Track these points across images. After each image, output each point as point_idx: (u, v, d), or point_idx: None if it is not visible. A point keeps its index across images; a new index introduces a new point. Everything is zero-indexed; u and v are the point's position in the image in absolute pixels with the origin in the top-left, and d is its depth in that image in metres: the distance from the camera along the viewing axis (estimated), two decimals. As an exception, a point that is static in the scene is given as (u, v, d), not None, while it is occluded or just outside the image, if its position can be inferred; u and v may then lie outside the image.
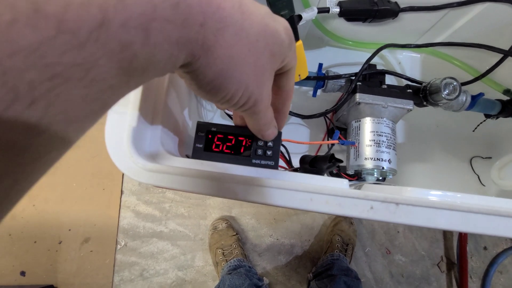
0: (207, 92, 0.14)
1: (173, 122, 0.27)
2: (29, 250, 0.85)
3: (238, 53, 0.13)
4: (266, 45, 0.14)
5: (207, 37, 0.11)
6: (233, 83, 0.13)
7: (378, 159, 0.43)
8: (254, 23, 0.13)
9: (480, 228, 0.19)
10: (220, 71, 0.12)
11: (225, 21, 0.12)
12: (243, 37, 0.13)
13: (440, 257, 0.89)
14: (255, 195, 0.19)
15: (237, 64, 0.13)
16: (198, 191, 0.19)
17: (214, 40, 0.12)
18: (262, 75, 0.15)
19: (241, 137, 0.26)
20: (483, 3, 0.43)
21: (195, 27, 0.11)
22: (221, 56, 0.12)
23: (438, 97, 0.43)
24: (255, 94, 0.15)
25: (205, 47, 0.11)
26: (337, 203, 0.19)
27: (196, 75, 0.12)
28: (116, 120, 0.19)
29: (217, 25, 0.11)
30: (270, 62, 0.15)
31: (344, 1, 0.43)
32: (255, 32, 0.13)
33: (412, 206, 0.19)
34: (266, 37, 0.14)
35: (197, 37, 0.11)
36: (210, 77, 0.13)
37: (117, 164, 0.19)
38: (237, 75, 0.13)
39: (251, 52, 0.13)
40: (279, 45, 0.15)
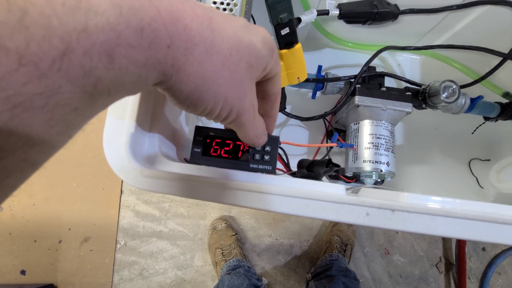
0: (187, 106, 0.14)
1: (172, 126, 0.27)
2: (29, 249, 0.85)
3: (211, 68, 0.13)
4: (241, 58, 0.14)
5: (176, 57, 0.12)
6: (210, 97, 0.14)
7: (376, 162, 0.43)
8: (225, 38, 0.13)
9: (476, 235, 0.19)
10: (195, 86, 0.13)
11: (193, 40, 0.12)
12: (214, 53, 0.13)
13: (439, 258, 0.89)
14: (252, 201, 0.19)
15: (211, 79, 0.13)
16: (196, 197, 0.19)
17: (183, 59, 0.12)
18: (241, 87, 0.15)
19: (239, 142, 0.26)
20: (483, 6, 0.43)
21: (163, 48, 0.11)
22: (193, 73, 0.12)
23: (437, 100, 0.43)
24: (236, 106, 0.15)
25: (175, 66, 0.12)
26: (333, 209, 0.19)
27: (173, 91, 0.13)
28: (114, 126, 0.20)
29: (185, 45, 0.12)
30: (248, 73, 0.15)
31: (344, 4, 0.43)
32: (227, 46, 0.13)
33: (408, 212, 0.19)
34: (239, 50, 0.14)
35: (165, 58, 0.11)
36: (186, 92, 0.13)
37: (115, 171, 0.19)
38: (213, 89, 0.13)
39: (225, 66, 0.13)
40: (255, 56, 0.15)
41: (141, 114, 0.21)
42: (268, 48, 0.16)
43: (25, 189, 0.88)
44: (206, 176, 0.20)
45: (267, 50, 0.15)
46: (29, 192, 0.88)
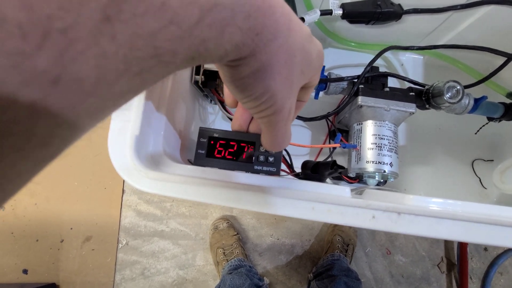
0: (236, 86, 0.15)
1: (176, 127, 0.27)
2: (31, 248, 0.86)
3: (276, 62, 0.14)
4: (299, 63, 0.15)
5: (258, 45, 0.13)
6: (261, 86, 0.14)
7: (379, 163, 0.42)
8: (296, 41, 0.14)
9: (481, 238, 0.19)
10: (255, 71, 0.14)
11: (276, 34, 0.13)
12: (284, 50, 0.14)
13: (441, 258, 0.89)
14: (258, 204, 0.19)
15: (272, 71, 0.14)
16: (201, 200, 0.19)
17: (263, 48, 0.13)
18: (289, 88, 0.16)
19: (243, 143, 0.26)
20: (488, 6, 0.42)
21: (253, 35, 0.12)
22: (262, 60, 0.13)
23: (440, 100, 0.43)
24: (278, 103, 0.16)
25: (252, 51, 0.13)
26: (339, 212, 0.19)
27: (234, 70, 0.14)
28: (119, 128, 0.19)
29: (269, 36, 0.13)
30: (298, 78, 0.16)
31: (347, 3, 0.43)
32: (295, 48, 0.15)
33: (414, 215, 0.19)
34: (301, 54, 0.15)
35: (251, 44, 0.12)
36: (244, 74, 0.14)
37: (121, 174, 0.19)
38: (268, 80, 0.14)
39: (286, 65, 0.14)
40: (309, 65, 0.16)
41: (145, 116, 0.21)
42: (319, 61, 0.17)
43: (27, 189, 0.88)
44: (210, 178, 0.20)
45: (318, 63, 0.17)
46: (31, 191, 0.88)
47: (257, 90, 0.14)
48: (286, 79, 0.15)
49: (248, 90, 0.14)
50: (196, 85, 0.33)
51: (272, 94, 0.15)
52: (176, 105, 0.27)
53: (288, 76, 0.15)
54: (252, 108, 0.16)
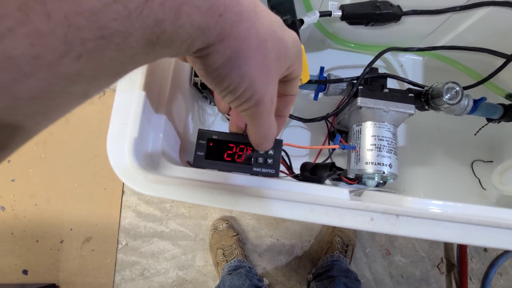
0: (213, 79, 0.14)
1: (175, 129, 0.27)
2: (31, 249, 0.86)
3: (247, 46, 0.14)
4: (273, 47, 0.15)
5: (224, 27, 0.12)
6: (237, 75, 0.14)
7: (379, 164, 0.42)
8: (264, 24, 0.14)
9: (479, 240, 0.19)
10: (228, 59, 0.13)
11: (241, 15, 0.13)
12: (253, 33, 0.14)
13: (440, 259, 0.89)
14: (257, 207, 0.19)
15: (245, 57, 0.14)
16: (200, 203, 0.19)
17: (229, 30, 0.13)
18: (267, 75, 0.15)
19: (242, 145, 0.26)
20: (486, 7, 0.43)
21: (215, 16, 0.12)
22: (232, 46, 0.13)
23: (440, 101, 0.43)
24: (259, 92, 0.15)
25: (219, 36, 0.12)
26: (337, 214, 0.19)
27: (206, 60, 0.13)
28: (118, 131, 0.19)
29: (234, 17, 0.13)
30: (275, 65, 0.16)
31: (346, 5, 0.43)
32: (265, 32, 0.14)
33: (413, 217, 0.19)
34: (273, 40, 0.15)
35: (215, 25, 0.12)
36: (218, 63, 0.13)
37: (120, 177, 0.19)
38: (243, 67, 0.14)
39: (259, 49, 0.14)
40: (284, 51, 0.16)
41: (144, 118, 0.21)
42: (296, 49, 0.16)
43: (26, 189, 0.88)
44: (209, 181, 0.20)
45: (295, 51, 0.16)
46: (31, 192, 0.88)
47: (234, 79, 0.14)
48: (261, 64, 0.14)
49: (225, 80, 0.14)
50: (195, 87, 0.33)
51: (250, 82, 0.14)
52: (175, 107, 0.27)
53: (263, 61, 0.14)
54: (233, 101, 0.15)
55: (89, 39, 0.09)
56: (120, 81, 0.12)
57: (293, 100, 0.21)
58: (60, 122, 0.65)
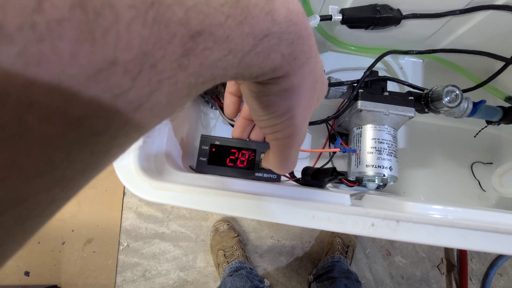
0: (261, 102, 0.15)
1: (178, 134, 0.28)
2: (33, 251, 0.86)
3: (304, 85, 0.14)
4: (318, 89, 0.16)
5: (293, 68, 0.13)
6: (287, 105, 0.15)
7: (379, 166, 0.43)
8: (319, 69, 0.15)
9: (480, 246, 0.19)
10: (284, 91, 0.14)
11: (309, 59, 0.14)
12: (312, 76, 0.14)
13: (440, 259, 0.89)
14: (259, 213, 0.19)
15: (299, 93, 0.14)
16: (204, 209, 0.19)
17: (296, 70, 0.13)
18: (308, 112, 0.16)
19: (244, 151, 0.26)
20: (486, 11, 0.43)
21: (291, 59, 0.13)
22: (293, 81, 0.14)
23: (439, 104, 0.43)
24: (297, 125, 0.16)
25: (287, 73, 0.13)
26: (338, 220, 0.19)
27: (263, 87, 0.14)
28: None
29: (304, 60, 0.13)
30: (316, 104, 0.17)
31: (347, 9, 0.43)
32: (318, 75, 0.15)
33: (413, 223, 0.19)
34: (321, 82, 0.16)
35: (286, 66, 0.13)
36: (273, 91, 0.14)
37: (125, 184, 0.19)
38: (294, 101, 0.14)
39: (310, 89, 0.15)
40: (323, 93, 0.17)
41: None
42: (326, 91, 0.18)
43: (28, 191, 0.88)
44: (212, 187, 0.20)
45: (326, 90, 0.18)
46: (32, 194, 0.89)
47: (281, 109, 0.14)
48: (308, 103, 0.15)
49: (271, 108, 0.15)
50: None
51: (293, 114, 0.15)
52: (178, 112, 0.27)
53: (310, 100, 0.15)
54: (270, 127, 0.16)
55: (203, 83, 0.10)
56: None
57: None
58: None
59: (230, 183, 0.22)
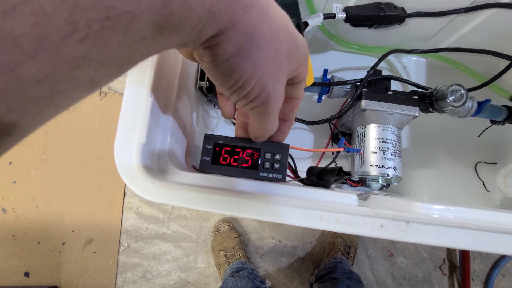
0: (223, 71, 0.13)
1: (181, 133, 0.27)
2: (33, 251, 0.86)
3: (260, 35, 0.13)
4: (285, 40, 0.14)
5: (235, 11, 0.11)
6: (250, 65, 0.13)
7: (383, 166, 0.42)
8: (277, 15, 0.13)
9: (492, 247, 0.19)
10: (240, 48, 0.12)
11: (254, 0, 0.12)
12: (266, 22, 0.13)
13: (443, 260, 0.89)
14: (266, 214, 0.19)
15: (258, 46, 0.13)
16: (208, 210, 0.19)
17: (241, 15, 0.12)
18: (279, 70, 0.14)
19: (248, 150, 0.26)
20: (491, 9, 0.42)
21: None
22: (245, 33, 0.12)
23: (444, 103, 0.43)
24: (269, 87, 0.14)
25: (232, 21, 0.12)
26: (347, 221, 0.19)
27: (217, 50, 0.12)
28: (125, 137, 0.19)
29: (247, 1, 0.12)
30: (287, 60, 0.15)
31: (350, 7, 0.43)
32: (277, 23, 0.13)
33: (423, 224, 0.19)
34: (285, 33, 0.14)
35: (227, 9, 0.11)
36: (229, 53, 0.12)
37: (128, 184, 0.19)
38: (256, 57, 0.13)
39: (271, 40, 0.13)
40: (295, 46, 0.15)
41: (151, 124, 0.21)
42: (305, 49, 0.16)
43: (28, 191, 0.88)
44: (217, 187, 0.20)
45: (304, 49, 0.15)
46: (32, 194, 0.88)
47: (246, 71, 0.13)
48: (273, 57, 0.13)
49: (235, 72, 0.13)
50: (201, 91, 0.33)
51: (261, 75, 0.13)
52: (181, 111, 0.27)
53: (276, 54, 0.13)
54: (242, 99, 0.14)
55: (95, 20, 0.08)
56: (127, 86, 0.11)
57: (299, 104, 0.20)
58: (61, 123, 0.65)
59: (234, 183, 0.21)
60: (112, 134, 0.89)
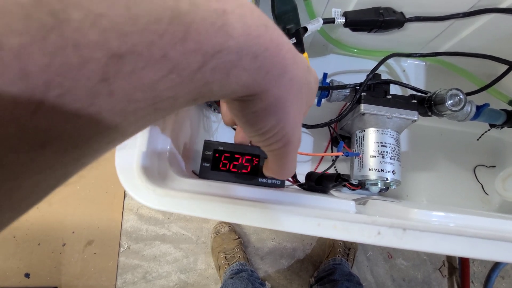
0: (247, 120, 0.14)
1: (181, 139, 0.27)
2: (33, 252, 0.86)
3: (287, 95, 0.14)
4: (305, 94, 0.16)
5: (269, 82, 0.12)
6: (275, 119, 0.14)
7: (382, 170, 0.43)
8: (300, 73, 0.15)
9: (488, 255, 0.19)
10: (268, 105, 0.13)
11: (285, 69, 0.13)
12: (294, 84, 0.14)
13: (442, 262, 0.89)
14: (264, 221, 0.19)
15: (285, 105, 0.14)
16: (208, 217, 0.19)
17: (274, 83, 0.13)
18: (298, 118, 0.16)
19: (247, 156, 0.26)
20: (489, 14, 0.43)
21: (262, 74, 0.12)
22: (275, 94, 0.13)
23: (443, 108, 0.43)
24: (290, 134, 0.15)
25: (264, 88, 0.13)
26: (344, 228, 0.19)
27: (245, 104, 0.13)
28: (126, 144, 0.20)
29: (279, 72, 0.13)
30: (306, 108, 0.16)
31: (350, 12, 0.43)
32: (300, 81, 0.15)
33: (420, 231, 0.19)
34: (306, 87, 0.15)
35: (260, 82, 0.12)
36: (257, 108, 0.13)
37: (129, 191, 0.19)
38: (281, 113, 0.14)
39: (296, 98, 0.14)
40: (311, 95, 0.17)
41: (152, 130, 0.21)
42: (317, 87, 0.17)
43: (29, 193, 0.88)
44: (216, 194, 0.20)
45: (316, 89, 0.17)
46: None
47: (268, 124, 0.14)
48: (297, 110, 0.15)
49: (259, 123, 0.14)
50: (200, 96, 0.33)
51: (283, 126, 0.15)
52: (181, 116, 0.27)
53: (299, 108, 0.15)
54: (263, 141, 0.16)
55: (143, 108, 0.09)
56: None
57: None
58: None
59: (234, 189, 0.22)
60: (113, 136, 0.89)
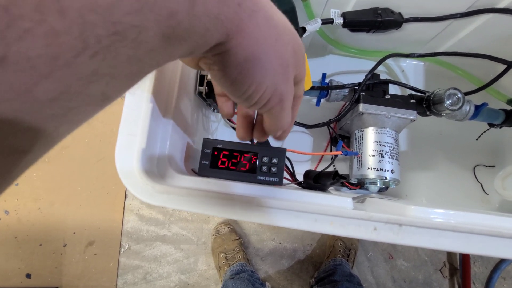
0: (233, 80, 0.13)
1: (181, 137, 0.28)
2: (34, 253, 0.86)
3: (268, 38, 0.13)
4: (289, 40, 0.14)
5: (242, 17, 0.12)
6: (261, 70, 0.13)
7: (381, 169, 0.43)
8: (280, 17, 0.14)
9: (483, 250, 0.19)
10: (250, 53, 0.12)
11: (258, 5, 0.12)
12: (272, 25, 0.13)
13: (443, 263, 0.89)
14: (262, 217, 0.19)
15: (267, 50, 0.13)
16: (206, 213, 0.19)
17: (248, 21, 0.12)
18: (287, 69, 0.14)
19: (246, 154, 0.26)
20: (487, 14, 0.43)
21: (233, 5, 0.11)
22: (253, 37, 0.12)
23: (441, 107, 0.43)
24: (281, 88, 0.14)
25: (239, 27, 0.12)
26: (341, 224, 0.19)
27: (227, 56, 0.12)
28: (126, 142, 0.20)
29: (252, 7, 0.12)
30: (292, 59, 0.15)
31: (348, 12, 0.43)
32: (281, 24, 0.13)
33: (416, 227, 0.19)
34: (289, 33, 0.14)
35: (233, 15, 0.11)
36: (239, 59, 0.12)
37: (129, 188, 0.19)
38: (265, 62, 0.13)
39: (278, 42, 0.13)
40: (298, 45, 0.15)
41: (151, 129, 0.21)
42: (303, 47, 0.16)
43: (30, 193, 0.89)
44: (214, 190, 0.20)
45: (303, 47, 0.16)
46: (34, 196, 0.89)
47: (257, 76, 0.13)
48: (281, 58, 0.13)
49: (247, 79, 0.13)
50: (200, 96, 0.33)
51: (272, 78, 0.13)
52: (181, 116, 0.27)
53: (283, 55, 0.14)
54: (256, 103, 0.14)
55: (104, 35, 0.08)
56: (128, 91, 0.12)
57: (300, 102, 0.20)
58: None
59: (232, 186, 0.22)
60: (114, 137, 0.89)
